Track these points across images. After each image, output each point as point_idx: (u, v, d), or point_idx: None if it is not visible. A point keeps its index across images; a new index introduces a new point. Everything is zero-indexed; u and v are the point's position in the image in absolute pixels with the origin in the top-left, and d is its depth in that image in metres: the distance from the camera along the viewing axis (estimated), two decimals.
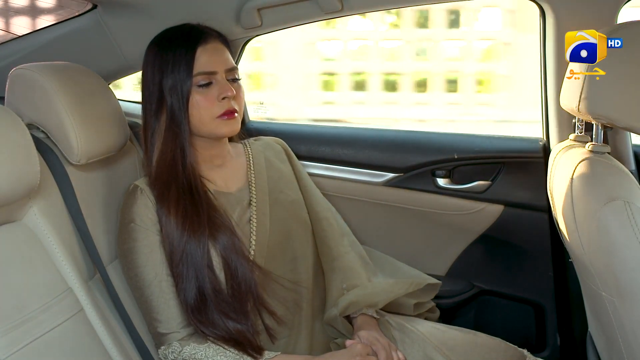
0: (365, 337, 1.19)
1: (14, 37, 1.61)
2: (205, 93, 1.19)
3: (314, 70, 3.57)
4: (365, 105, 3.56)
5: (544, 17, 1.42)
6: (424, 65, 3.57)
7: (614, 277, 0.96)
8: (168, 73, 1.19)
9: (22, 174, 1.00)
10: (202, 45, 1.20)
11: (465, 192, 1.55)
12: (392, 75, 3.52)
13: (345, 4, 1.41)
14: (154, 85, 1.21)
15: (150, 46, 1.25)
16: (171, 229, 1.16)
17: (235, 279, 1.16)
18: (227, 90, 1.19)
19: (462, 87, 3.48)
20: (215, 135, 1.22)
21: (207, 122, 1.20)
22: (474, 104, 3.50)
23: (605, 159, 1.05)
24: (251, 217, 1.24)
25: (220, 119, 1.19)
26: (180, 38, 1.21)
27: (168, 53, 1.20)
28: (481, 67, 3.48)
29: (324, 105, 3.59)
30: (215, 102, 1.19)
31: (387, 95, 3.49)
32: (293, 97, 3.50)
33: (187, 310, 1.14)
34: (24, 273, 1.03)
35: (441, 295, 1.44)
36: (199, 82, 1.18)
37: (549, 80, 1.45)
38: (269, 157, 1.35)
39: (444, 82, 3.50)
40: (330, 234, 1.34)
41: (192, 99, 1.18)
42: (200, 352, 1.12)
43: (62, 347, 1.02)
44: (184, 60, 1.18)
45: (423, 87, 3.51)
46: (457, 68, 3.51)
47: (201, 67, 1.19)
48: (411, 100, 3.50)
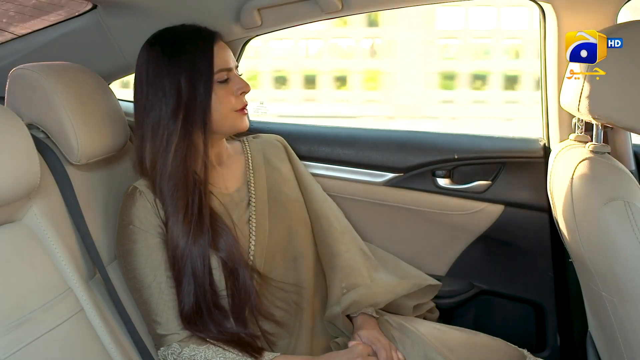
0: (366, 336, 1.19)
1: (14, 37, 1.61)
2: (225, 88, 1.20)
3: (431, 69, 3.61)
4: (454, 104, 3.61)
5: (544, 17, 1.42)
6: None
7: (614, 277, 0.96)
8: (185, 73, 1.17)
9: (22, 174, 1.00)
10: (217, 43, 1.21)
11: (465, 192, 1.55)
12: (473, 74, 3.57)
13: (345, 4, 1.41)
14: (166, 87, 1.17)
15: (151, 47, 1.21)
16: (176, 235, 1.15)
17: (236, 287, 1.16)
18: (245, 86, 1.22)
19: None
20: (236, 129, 1.23)
21: (228, 116, 1.21)
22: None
23: (605, 159, 1.05)
24: (250, 217, 1.24)
25: (239, 112, 1.22)
26: (193, 38, 1.20)
27: (181, 54, 1.18)
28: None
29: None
30: (233, 96, 1.21)
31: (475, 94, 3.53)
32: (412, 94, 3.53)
33: (182, 316, 1.14)
34: (24, 273, 1.03)
35: (441, 295, 1.44)
36: (221, 78, 1.20)
37: (549, 80, 1.45)
38: (267, 156, 1.35)
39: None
40: (330, 232, 1.34)
41: (215, 94, 1.19)
42: (199, 353, 1.12)
43: (62, 347, 1.02)
44: (205, 58, 1.18)
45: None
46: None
47: (221, 64, 1.20)
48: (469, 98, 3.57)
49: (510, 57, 3.75)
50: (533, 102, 3.62)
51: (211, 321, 1.15)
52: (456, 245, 1.60)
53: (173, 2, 1.42)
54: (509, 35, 3.60)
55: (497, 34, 3.58)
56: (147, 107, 1.19)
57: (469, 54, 3.77)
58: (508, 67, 3.71)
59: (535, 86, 3.51)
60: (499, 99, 3.76)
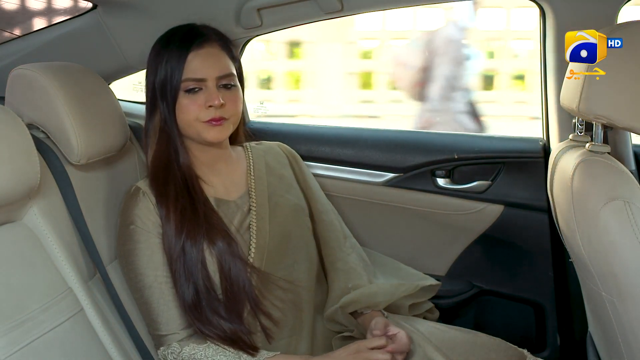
0: (380, 321, 1.19)
1: (14, 37, 1.61)
2: (193, 98, 1.18)
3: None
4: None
5: (544, 17, 1.42)
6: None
7: (614, 277, 0.96)
8: (160, 73, 1.19)
9: (22, 174, 1.00)
10: (195, 50, 1.19)
11: (465, 192, 1.55)
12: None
13: (345, 4, 1.41)
14: (150, 84, 1.22)
15: (155, 44, 1.24)
16: (170, 228, 1.16)
17: (229, 280, 1.16)
18: (213, 99, 1.17)
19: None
20: (203, 140, 1.21)
21: (193, 125, 1.19)
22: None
23: (605, 159, 1.05)
24: (251, 222, 1.24)
25: (207, 123, 1.18)
26: (177, 40, 1.20)
27: (164, 53, 1.20)
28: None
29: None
30: (202, 108, 1.18)
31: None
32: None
33: (185, 308, 1.14)
34: (24, 273, 1.03)
35: (441, 295, 1.44)
36: (186, 87, 1.17)
37: (549, 80, 1.45)
38: (269, 162, 1.35)
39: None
40: (334, 236, 1.35)
41: (179, 102, 1.18)
42: (200, 352, 1.13)
43: (62, 347, 1.02)
44: (176, 63, 1.18)
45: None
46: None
47: (190, 73, 1.18)
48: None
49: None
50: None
51: (210, 310, 1.15)
52: (456, 245, 1.60)
53: (173, 2, 1.42)
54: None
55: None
56: (145, 101, 1.24)
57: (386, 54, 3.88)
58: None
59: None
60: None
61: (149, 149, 1.24)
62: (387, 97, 3.79)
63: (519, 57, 3.77)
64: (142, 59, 1.27)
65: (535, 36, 1.48)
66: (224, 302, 1.17)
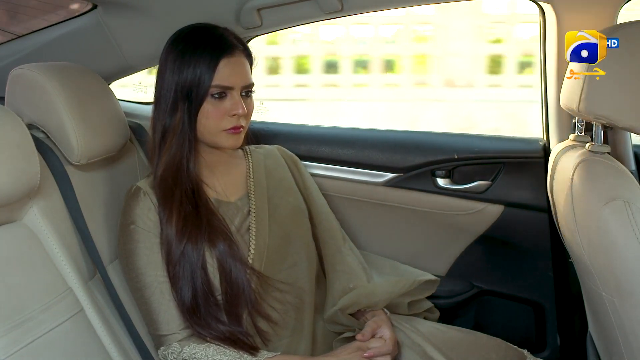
0: (374, 320, 1.21)
1: (14, 37, 1.61)
2: (218, 105, 1.18)
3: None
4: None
5: (544, 17, 1.42)
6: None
7: (614, 277, 0.96)
8: (187, 76, 1.17)
9: (22, 174, 1.00)
10: (227, 58, 1.18)
11: (465, 192, 1.55)
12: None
13: (345, 4, 1.41)
14: (171, 84, 1.18)
15: (174, 42, 1.21)
16: (171, 232, 1.15)
17: (229, 282, 1.16)
18: (238, 108, 1.18)
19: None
20: (218, 146, 1.22)
21: (213, 132, 1.19)
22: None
23: (605, 159, 1.05)
24: (250, 225, 1.24)
25: (227, 132, 1.19)
26: (208, 44, 1.18)
27: (192, 56, 1.17)
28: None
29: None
30: (225, 116, 1.18)
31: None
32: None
33: (183, 311, 1.14)
34: (24, 273, 1.03)
35: (441, 295, 1.44)
36: (213, 93, 1.17)
37: (549, 80, 1.45)
38: (268, 165, 1.35)
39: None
40: (333, 238, 1.35)
41: (204, 107, 1.17)
42: (200, 352, 1.13)
43: (62, 347, 1.02)
44: (207, 68, 1.16)
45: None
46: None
47: (220, 80, 1.17)
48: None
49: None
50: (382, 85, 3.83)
51: (207, 314, 1.15)
52: (456, 245, 1.60)
53: (173, 2, 1.42)
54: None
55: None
56: (156, 100, 1.21)
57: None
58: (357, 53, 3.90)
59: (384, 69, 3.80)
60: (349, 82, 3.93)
61: (162, 150, 1.20)
62: (322, 82, 3.82)
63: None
64: (142, 59, 1.28)
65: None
66: (223, 305, 1.17)
